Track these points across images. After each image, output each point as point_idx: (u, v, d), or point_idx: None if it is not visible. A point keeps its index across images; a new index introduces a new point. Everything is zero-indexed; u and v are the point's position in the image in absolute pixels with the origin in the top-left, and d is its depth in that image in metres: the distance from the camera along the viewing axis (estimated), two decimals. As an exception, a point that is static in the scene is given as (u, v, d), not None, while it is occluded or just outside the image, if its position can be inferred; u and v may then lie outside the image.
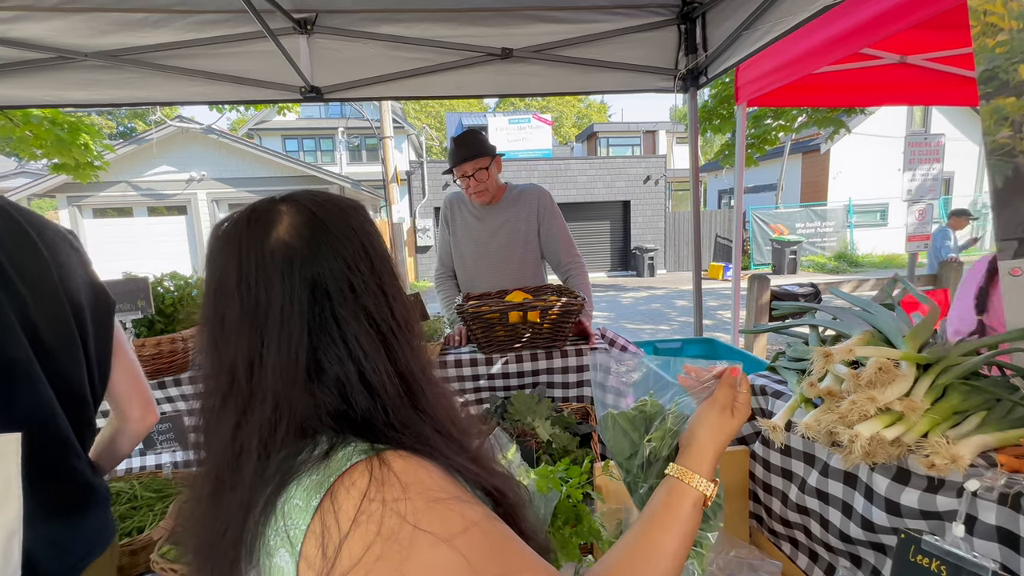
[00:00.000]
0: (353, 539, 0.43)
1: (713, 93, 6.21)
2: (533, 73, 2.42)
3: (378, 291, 0.56)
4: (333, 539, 0.43)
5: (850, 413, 0.88)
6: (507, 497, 0.57)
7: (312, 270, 0.53)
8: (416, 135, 19.25)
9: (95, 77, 2.15)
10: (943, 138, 5.24)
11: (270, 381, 0.51)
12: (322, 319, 0.53)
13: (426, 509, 0.45)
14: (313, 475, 0.47)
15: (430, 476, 0.48)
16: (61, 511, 0.86)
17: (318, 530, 0.44)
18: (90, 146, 4.65)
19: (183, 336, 1.68)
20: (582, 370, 1.81)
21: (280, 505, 0.47)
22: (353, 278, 0.54)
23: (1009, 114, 1.07)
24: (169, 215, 14.26)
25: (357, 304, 0.54)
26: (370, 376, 0.53)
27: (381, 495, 0.45)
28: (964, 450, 0.77)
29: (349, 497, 0.45)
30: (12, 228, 0.81)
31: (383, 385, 0.53)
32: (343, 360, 0.53)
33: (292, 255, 0.53)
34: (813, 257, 14.85)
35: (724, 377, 0.74)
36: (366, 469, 0.47)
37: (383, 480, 0.46)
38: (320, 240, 0.54)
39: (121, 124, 28.84)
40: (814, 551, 1.13)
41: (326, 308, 0.53)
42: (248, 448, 0.51)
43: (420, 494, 0.46)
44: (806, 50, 2.09)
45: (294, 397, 0.51)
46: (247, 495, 0.50)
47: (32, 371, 0.79)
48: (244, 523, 0.49)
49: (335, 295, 0.53)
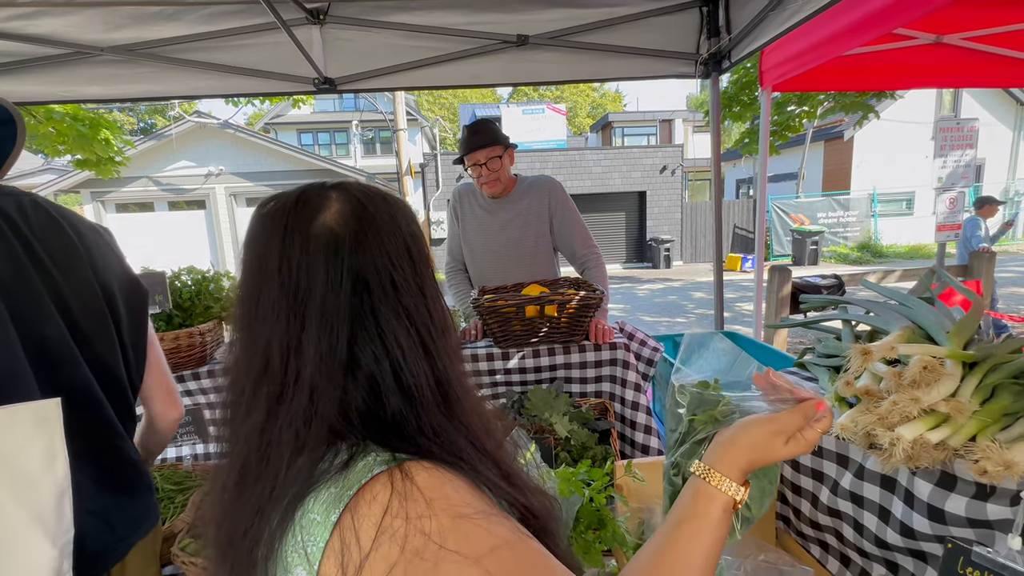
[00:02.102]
0: (375, 559, 0.41)
1: (733, 79, 6.03)
2: (549, 60, 2.36)
3: (419, 292, 0.54)
4: (353, 559, 0.41)
5: (891, 414, 0.83)
6: (539, 517, 0.53)
7: (356, 260, 0.51)
8: (430, 127, 19.22)
9: (111, 72, 2.15)
10: (976, 123, 5.02)
11: (308, 370, 0.50)
12: (361, 312, 0.51)
13: (452, 527, 0.42)
14: (332, 487, 0.45)
15: (456, 491, 0.45)
16: (108, 488, 0.90)
17: (337, 547, 0.42)
18: (111, 141, 4.73)
19: (201, 330, 1.69)
20: (600, 365, 1.77)
21: (298, 518, 0.45)
22: (396, 275, 0.53)
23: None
24: (189, 209, 14.52)
25: (398, 302, 0.52)
26: (406, 377, 0.51)
27: (404, 511, 0.42)
28: (1019, 455, 0.72)
29: (370, 513, 0.42)
30: (45, 219, 0.86)
31: (420, 387, 0.51)
32: (379, 358, 0.51)
33: (338, 243, 0.51)
34: (835, 248, 14.48)
35: (802, 404, 0.63)
36: (388, 481, 0.44)
37: (406, 494, 0.43)
38: (367, 232, 0.53)
39: (141, 120, 29.39)
40: (846, 555, 1.09)
41: (366, 302, 0.51)
42: (279, 440, 0.49)
43: (446, 510, 0.43)
44: (836, 31, 1.99)
45: (329, 390, 0.49)
46: (273, 489, 0.48)
47: (70, 351, 0.83)
48: (266, 523, 0.47)
49: (376, 289, 0.52)
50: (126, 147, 5.33)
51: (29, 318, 0.79)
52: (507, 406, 1.71)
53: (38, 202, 0.87)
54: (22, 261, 0.79)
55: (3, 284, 0.76)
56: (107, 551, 0.90)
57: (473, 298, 1.73)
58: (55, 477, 0.70)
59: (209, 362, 1.76)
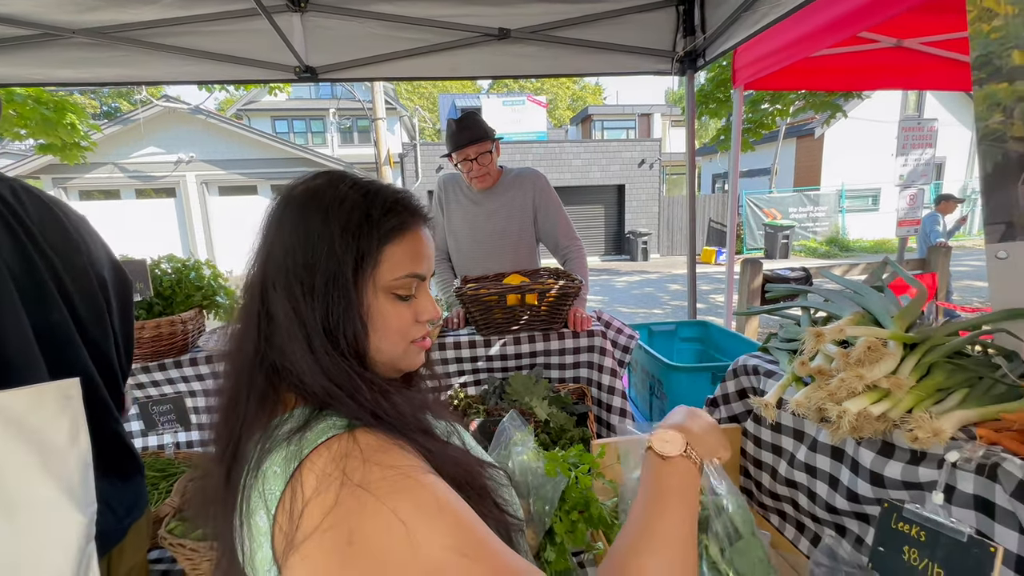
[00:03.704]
0: (313, 506, 0.47)
1: (710, 76, 6.17)
2: (530, 54, 2.39)
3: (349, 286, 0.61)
4: (297, 506, 0.48)
5: (839, 390, 0.91)
6: (472, 485, 0.58)
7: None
8: (409, 117, 18.96)
9: (83, 55, 2.10)
10: (936, 123, 5.26)
11: (288, 343, 0.58)
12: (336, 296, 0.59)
13: (383, 483, 0.48)
14: (292, 446, 0.52)
15: (394, 455, 0.51)
16: (107, 470, 0.91)
17: (288, 497, 0.49)
18: (76, 126, 4.55)
19: (183, 319, 1.69)
20: (578, 352, 1.84)
21: (263, 470, 0.52)
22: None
23: (1001, 100, 1.08)
24: (157, 197, 14.04)
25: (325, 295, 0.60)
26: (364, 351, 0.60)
27: (343, 466, 0.49)
28: (946, 424, 0.81)
29: (315, 467, 0.49)
30: (39, 205, 0.86)
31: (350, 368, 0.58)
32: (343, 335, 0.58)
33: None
34: (805, 242, 14.96)
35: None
36: (336, 443, 0.51)
37: (348, 453, 0.50)
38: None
39: (105, 104, 28.07)
40: (801, 522, 1.18)
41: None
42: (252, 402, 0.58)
43: (380, 467, 0.49)
44: (804, 33, 2.09)
45: (304, 360, 0.57)
46: (247, 441, 0.56)
47: (72, 336, 0.85)
48: (240, 475, 0.55)
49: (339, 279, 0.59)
50: (92, 131, 5.15)
51: (37, 304, 0.80)
52: (489, 392, 1.77)
53: (28, 188, 0.87)
54: (27, 249, 0.80)
55: (12, 272, 0.77)
56: (109, 532, 0.91)
57: (456, 287, 1.77)
58: (80, 450, 0.73)
59: (191, 350, 1.76)
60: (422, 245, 0.65)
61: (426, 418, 0.62)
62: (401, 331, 0.63)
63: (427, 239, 0.66)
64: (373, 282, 0.60)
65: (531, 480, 0.93)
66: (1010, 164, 1.09)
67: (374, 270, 0.60)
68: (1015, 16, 1.04)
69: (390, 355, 0.63)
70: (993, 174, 1.12)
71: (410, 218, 0.64)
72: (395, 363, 0.65)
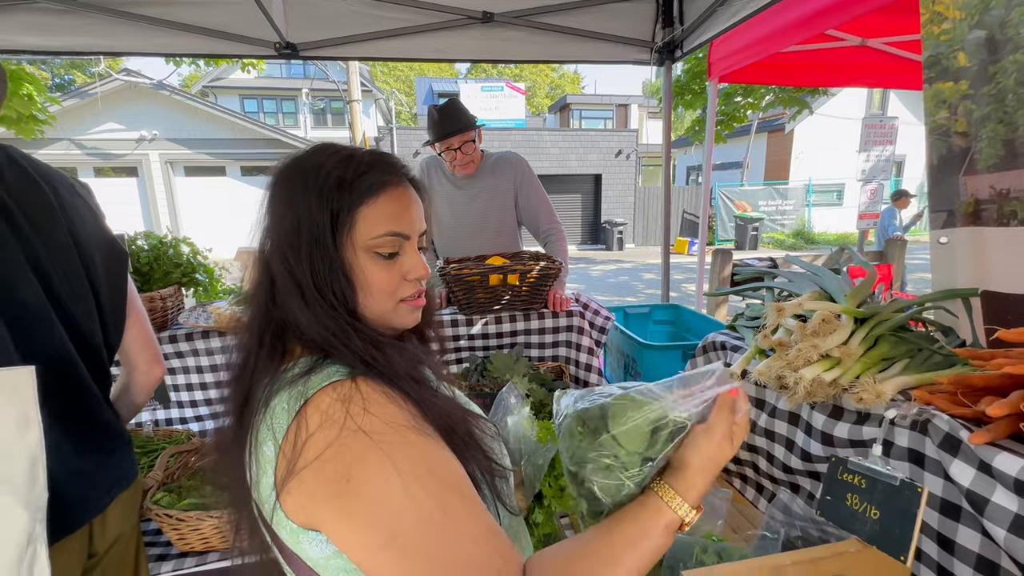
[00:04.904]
0: (316, 437, 0.53)
1: (686, 68, 6.29)
2: (513, 39, 2.41)
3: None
4: (301, 437, 0.54)
5: (796, 360, 1.00)
6: (457, 431, 0.63)
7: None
8: (385, 100, 18.57)
9: (50, 21, 2.00)
10: (897, 121, 5.52)
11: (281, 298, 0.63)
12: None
13: (382, 426, 0.54)
14: (298, 387, 0.57)
15: (392, 401, 0.58)
16: (85, 447, 0.91)
17: (293, 430, 0.55)
18: (34, 97, 4.31)
19: (162, 295, 1.67)
20: (557, 331, 1.91)
21: (272, 407, 0.58)
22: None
23: (947, 98, 1.19)
24: (118, 176, 13.40)
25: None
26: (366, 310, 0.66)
27: (346, 407, 0.55)
28: (887, 388, 0.91)
29: (320, 405, 0.55)
30: (21, 177, 0.83)
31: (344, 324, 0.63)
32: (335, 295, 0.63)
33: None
34: (773, 234, 15.46)
35: (721, 401, 0.63)
36: (339, 387, 0.56)
37: (350, 396, 0.56)
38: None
39: (57, 75, 26.35)
40: (760, 484, 1.29)
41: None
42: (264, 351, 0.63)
43: (380, 414, 0.55)
44: (776, 28, 2.18)
45: (301, 312, 0.62)
46: (258, 386, 0.62)
47: (46, 314, 0.82)
48: (251, 413, 0.60)
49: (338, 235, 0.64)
50: (50, 104, 4.88)
51: (6, 281, 0.78)
52: (471, 369, 1.82)
53: (13, 157, 0.84)
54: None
55: None
56: (89, 504, 0.91)
57: (439, 267, 1.81)
58: (27, 444, 0.70)
59: (171, 327, 1.75)
60: (402, 203, 0.67)
61: (419, 369, 0.67)
62: (386, 289, 0.66)
63: (409, 198, 0.68)
64: (352, 241, 0.64)
65: (523, 447, 0.99)
66: (953, 157, 1.19)
67: (351, 230, 0.63)
68: (962, 20, 1.13)
69: (379, 312, 0.67)
70: (938, 166, 1.23)
71: (387, 177, 0.66)
72: (386, 320, 0.68)
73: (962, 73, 1.14)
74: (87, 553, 0.92)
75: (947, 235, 1.22)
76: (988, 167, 1.12)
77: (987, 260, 1.15)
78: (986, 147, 1.11)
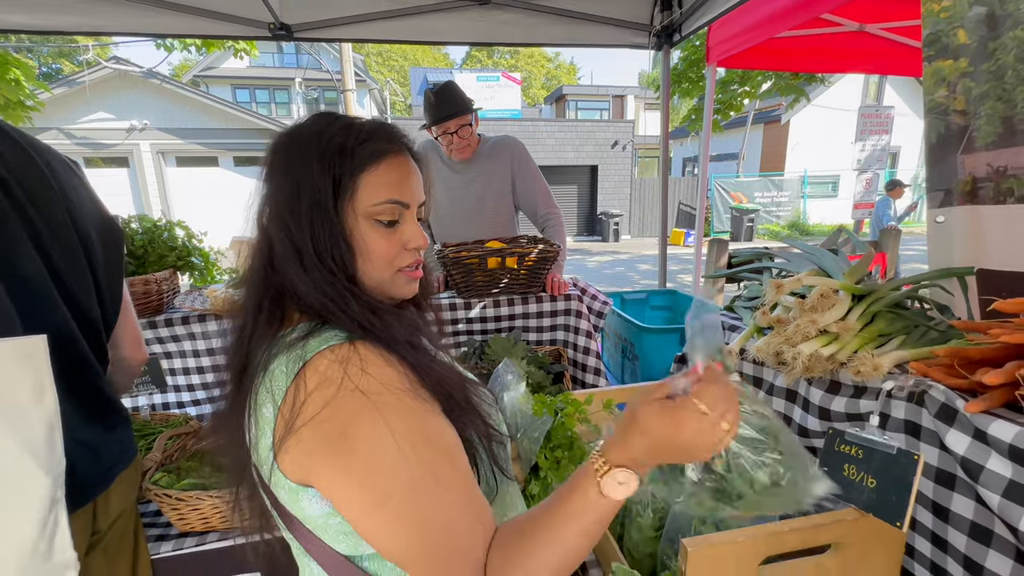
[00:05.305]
0: (314, 397, 0.54)
1: (683, 56, 6.26)
2: (509, 22, 2.39)
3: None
4: (300, 398, 0.55)
5: (794, 335, 1.01)
6: (454, 396, 0.64)
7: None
8: (379, 90, 18.38)
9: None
10: (892, 110, 5.54)
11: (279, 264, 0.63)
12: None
13: (379, 394, 0.55)
14: (296, 350, 0.58)
15: (389, 365, 0.58)
16: (92, 419, 0.92)
17: (292, 392, 0.56)
18: (22, 83, 4.22)
19: (157, 278, 1.66)
20: (555, 315, 1.91)
21: (271, 370, 0.59)
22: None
23: (947, 76, 1.19)
24: (108, 167, 13.22)
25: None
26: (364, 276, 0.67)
27: (344, 368, 0.55)
28: (885, 361, 0.92)
29: (319, 367, 0.56)
30: (20, 154, 0.83)
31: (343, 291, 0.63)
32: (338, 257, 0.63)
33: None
34: (768, 225, 15.51)
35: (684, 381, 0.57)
36: (338, 350, 0.57)
37: (348, 358, 0.56)
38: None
39: (44, 64, 25.84)
40: (757, 462, 1.30)
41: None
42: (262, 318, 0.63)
43: (376, 376, 0.56)
44: (773, 11, 2.16)
45: (299, 277, 0.62)
46: (257, 351, 0.62)
47: (47, 290, 0.82)
48: (250, 377, 0.61)
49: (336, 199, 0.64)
50: (39, 90, 4.79)
51: (9, 256, 0.78)
52: (469, 353, 1.82)
53: (7, 131, 0.83)
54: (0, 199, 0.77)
55: None
56: (95, 480, 0.92)
57: (437, 250, 1.80)
58: (45, 411, 0.71)
59: (167, 310, 1.74)
60: (402, 172, 0.67)
61: (417, 336, 0.67)
62: (386, 257, 0.66)
63: (409, 167, 0.69)
64: (352, 208, 0.64)
65: (520, 420, 1.00)
66: (951, 136, 1.20)
67: (352, 196, 0.63)
68: (963, -3, 1.13)
69: (377, 280, 0.67)
70: (937, 145, 1.23)
71: (387, 145, 0.66)
72: (384, 289, 0.68)
73: (962, 51, 1.14)
74: (91, 530, 0.93)
75: (944, 214, 1.22)
76: (986, 145, 1.12)
77: (983, 238, 1.15)
78: (984, 125, 1.11)
